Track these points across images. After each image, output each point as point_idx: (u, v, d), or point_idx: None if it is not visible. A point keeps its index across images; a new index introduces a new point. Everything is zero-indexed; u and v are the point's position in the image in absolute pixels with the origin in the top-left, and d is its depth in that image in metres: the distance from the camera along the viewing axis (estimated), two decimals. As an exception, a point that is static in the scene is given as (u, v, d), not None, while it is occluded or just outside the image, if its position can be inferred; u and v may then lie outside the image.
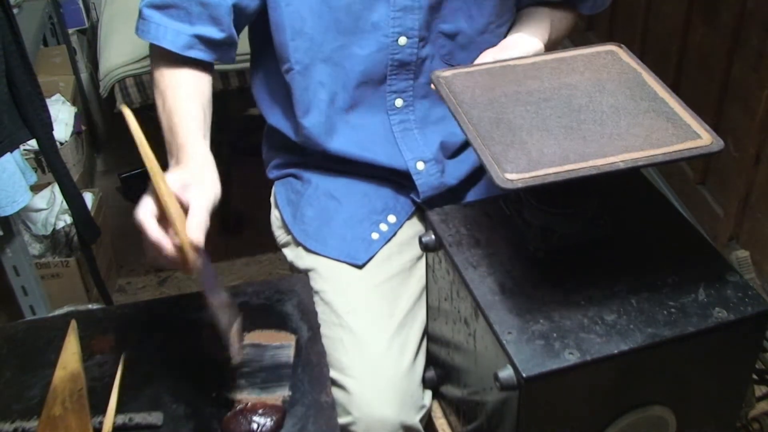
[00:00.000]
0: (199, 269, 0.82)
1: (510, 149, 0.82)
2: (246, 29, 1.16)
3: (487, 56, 1.05)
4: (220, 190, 0.90)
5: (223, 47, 1.07)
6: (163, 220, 0.83)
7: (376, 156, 1.14)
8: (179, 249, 0.81)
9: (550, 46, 1.11)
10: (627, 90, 0.89)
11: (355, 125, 1.14)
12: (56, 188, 1.81)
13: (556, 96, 0.90)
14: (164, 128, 0.99)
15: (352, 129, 1.14)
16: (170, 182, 0.84)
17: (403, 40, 1.08)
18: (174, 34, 1.02)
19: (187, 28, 1.02)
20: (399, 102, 1.13)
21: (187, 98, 1.00)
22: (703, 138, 0.81)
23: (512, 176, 0.78)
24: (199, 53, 1.04)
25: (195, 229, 0.82)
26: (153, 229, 0.82)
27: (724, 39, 1.65)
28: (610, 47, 0.98)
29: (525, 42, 1.07)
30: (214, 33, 1.04)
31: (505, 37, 1.14)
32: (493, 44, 1.12)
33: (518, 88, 0.92)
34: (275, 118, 1.19)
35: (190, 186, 0.86)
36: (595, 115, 0.86)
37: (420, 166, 1.14)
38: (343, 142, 1.13)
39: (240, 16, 1.07)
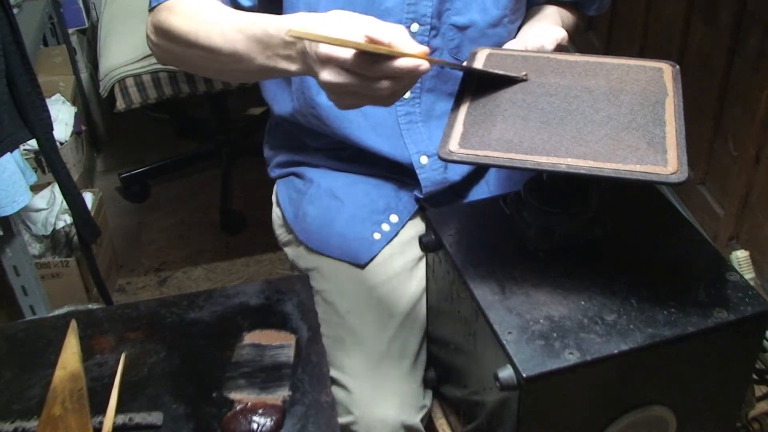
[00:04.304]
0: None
1: (475, 126, 0.85)
2: None
3: (516, 45, 1.05)
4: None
5: None
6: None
7: (381, 146, 1.13)
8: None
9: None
10: (638, 106, 0.87)
11: (364, 111, 1.13)
12: (56, 188, 1.81)
13: (564, 94, 0.89)
14: (234, 50, 0.86)
15: (361, 115, 1.13)
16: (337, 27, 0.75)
17: (415, 27, 1.08)
18: None
19: None
20: (406, 93, 1.13)
21: (226, 13, 0.91)
22: (668, 167, 0.77)
23: (455, 149, 0.82)
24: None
25: (411, 43, 0.75)
26: (405, 61, 0.73)
27: (724, 39, 1.65)
28: (662, 65, 0.95)
29: (552, 30, 1.08)
30: (245, 1, 1.02)
31: (516, 33, 1.15)
32: (504, 39, 1.12)
33: (537, 79, 0.92)
34: (281, 105, 1.19)
35: (349, 22, 0.77)
36: (584, 119, 0.85)
37: (423, 160, 1.13)
38: (352, 126, 1.13)
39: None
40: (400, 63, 0.74)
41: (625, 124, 0.84)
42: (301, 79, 1.12)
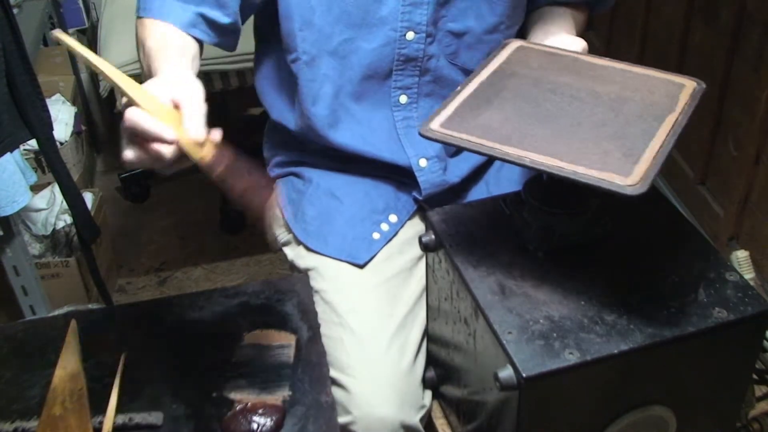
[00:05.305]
0: (213, 161, 0.76)
1: (467, 110, 0.87)
2: (251, 19, 1.16)
3: None
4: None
5: (226, 32, 1.05)
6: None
7: (378, 151, 1.14)
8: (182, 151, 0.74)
9: None
10: (636, 117, 0.86)
11: (359, 119, 1.13)
12: (56, 188, 1.81)
13: (569, 94, 0.90)
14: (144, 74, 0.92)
15: (356, 123, 1.14)
16: (148, 88, 0.77)
17: (410, 35, 1.08)
18: (180, 9, 1.00)
19: (192, 6, 1.01)
20: (403, 98, 1.13)
21: (169, 45, 0.96)
22: (628, 179, 0.76)
23: (436, 127, 0.85)
24: (201, 33, 1.01)
25: (195, 124, 0.75)
26: (150, 123, 0.72)
27: (724, 39, 1.65)
28: (687, 81, 0.92)
29: (573, 42, 1.06)
30: (218, 16, 1.03)
31: (515, 37, 1.14)
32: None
33: (550, 76, 0.93)
34: (278, 112, 1.19)
35: (172, 86, 0.79)
36: (574, 120, 0.85)
37: (422, 163, 1.14)
38: (346, 135, 1.13)
39: (246, 4, 1.06)
40: (143, 123, 0.72)
41: (612, 132, 0.84)
42: (295, 88, 1.12)
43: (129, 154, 0.75)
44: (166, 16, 0.99)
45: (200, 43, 1.03)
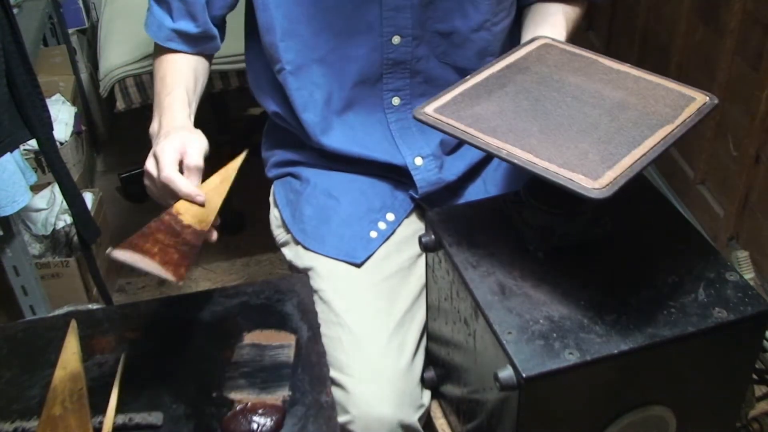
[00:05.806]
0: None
1: (466, 98, 0.88)
2: (242, 22, 1.18)
3: None
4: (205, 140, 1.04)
5: (200, 41, 1.13)
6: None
7: (373, 153, 1.14)
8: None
9: (568, 40, 1.10)
10: (630, 124, 0.85)
11: (351, 124, 1.14)
12: (56, 188, 1.81)
13: (572, 95, 0.90)
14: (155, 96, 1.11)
15: (349, 128, 1.14)
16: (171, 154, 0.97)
17: (396, 39, 1.08)
18: (157, 26, 1.11)
19: (168, 22, 1.10)
20: (396, 100, 1.13)
21: (173, 72, 1.11)
22: (595, 182, 0.77)
23: (429, 111, 0.88)
24: (179, 45, 1.12)
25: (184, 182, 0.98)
26: (184, 185, 0.97)
27: (724, 39, 1.65)
28: (698, 95, 0.89)
29: None
30: (190, 28, 1.11)
31: (504, 34, 1.14)
32: (488, 41, 1.12)
33: (560, 75, 0.93)
34: (275, 106, 1.20)
35: (179, 149, 0.98)
36: (566, 119, 0.86)
37: (418, 161, 1.14)
38: (340, 140, 1.14)
39: (212, 15, 1.12)
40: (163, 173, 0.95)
41: (600, 135, 0.83)
42: (289, 94, 1.12)
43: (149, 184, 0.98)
44: (148, 29, 1.13)
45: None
